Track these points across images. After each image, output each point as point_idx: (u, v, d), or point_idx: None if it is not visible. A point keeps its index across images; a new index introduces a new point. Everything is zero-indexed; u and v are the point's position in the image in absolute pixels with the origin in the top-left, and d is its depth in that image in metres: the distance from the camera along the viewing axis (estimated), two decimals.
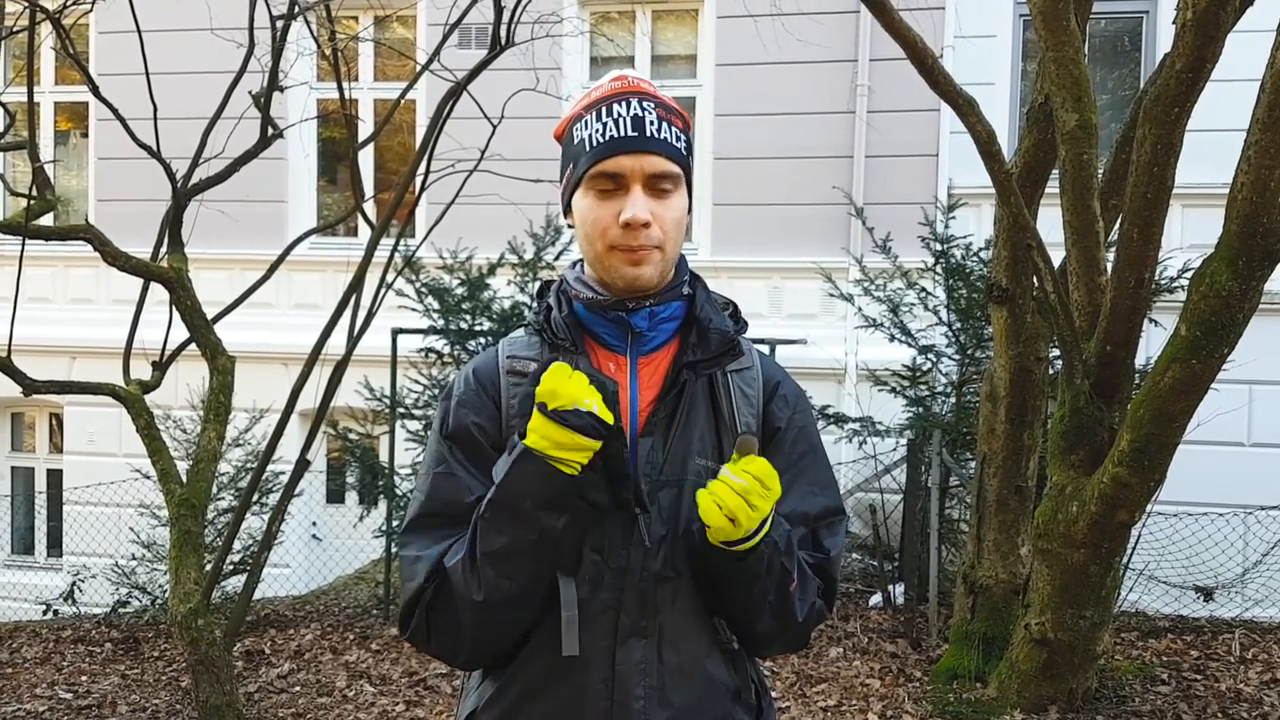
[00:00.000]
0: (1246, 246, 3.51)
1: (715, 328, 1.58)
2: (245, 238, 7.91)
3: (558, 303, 1.59)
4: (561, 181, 1.61)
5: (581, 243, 1.56)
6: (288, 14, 4.70)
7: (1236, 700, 4.97)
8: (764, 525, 1.42)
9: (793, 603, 1.53)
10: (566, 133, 1.60)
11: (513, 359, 1.57)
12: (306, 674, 5.63)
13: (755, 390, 1.62)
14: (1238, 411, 6.98)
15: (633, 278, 1.51)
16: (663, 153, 1.50)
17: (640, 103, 1.52)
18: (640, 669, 1.48)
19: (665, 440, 1.52)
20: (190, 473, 4.68)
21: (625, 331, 1.56)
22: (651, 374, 1.56)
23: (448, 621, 1.47)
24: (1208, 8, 3.38)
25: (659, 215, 1.50)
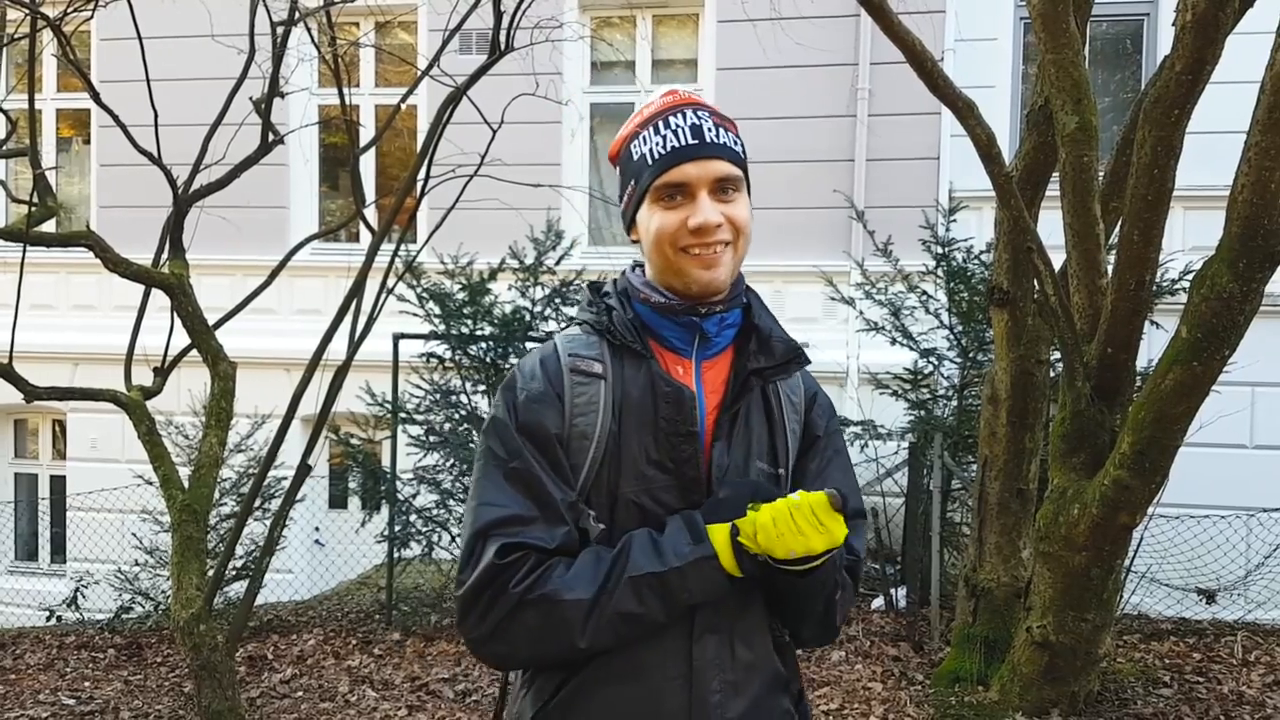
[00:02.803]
0: (1247, 248, 3.51)
1: (778, 337, 1.62)
2: (246, 244, 7.93)
3: (620, 304, 1.60)
4: (623, 200, 1.62)
5: (650, 253, 1.57)
6: (288, 20, 4.71)
7: (1239, 703, 4.96)
8: (823, 555, 1.46)
9: (835, 609, 1.61)
10: (623, 151, 1.62)
11: (575, 357, 1.56)
12: (309, 679, 5.62)
13: (799, 398, 1.67)
14: (1240, 414, 6.99)
15: (707, 281, 1.53)
16: (725, 157, 1.53)
17: (695, 112, 1.56)
18: (716, 664, 1.52)
19: (729, 444, 1.56)
20: (192, 478, 4.68)
21: (693, 335, 1.58)
22: (714, 378, 1.59)
23: (528, 640, 1.47)
24: (1207, 10, 3.38)
25: (728, 214, 1.53)
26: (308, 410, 4.89)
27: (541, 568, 1.46)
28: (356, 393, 6.41)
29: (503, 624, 1.46)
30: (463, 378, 6.69)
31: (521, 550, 1.46)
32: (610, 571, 1.45)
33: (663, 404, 1.52)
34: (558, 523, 1.49)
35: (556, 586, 1.44)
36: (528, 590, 1.44)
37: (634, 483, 1.52)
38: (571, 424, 1.52)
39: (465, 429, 6.64)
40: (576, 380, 1.54)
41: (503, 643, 1.48)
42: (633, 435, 1.52)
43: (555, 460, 1.51)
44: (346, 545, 7.44)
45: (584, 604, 1.43)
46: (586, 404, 1.52)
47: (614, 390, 1.54)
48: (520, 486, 1.49)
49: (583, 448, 1.52)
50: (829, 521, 1.43)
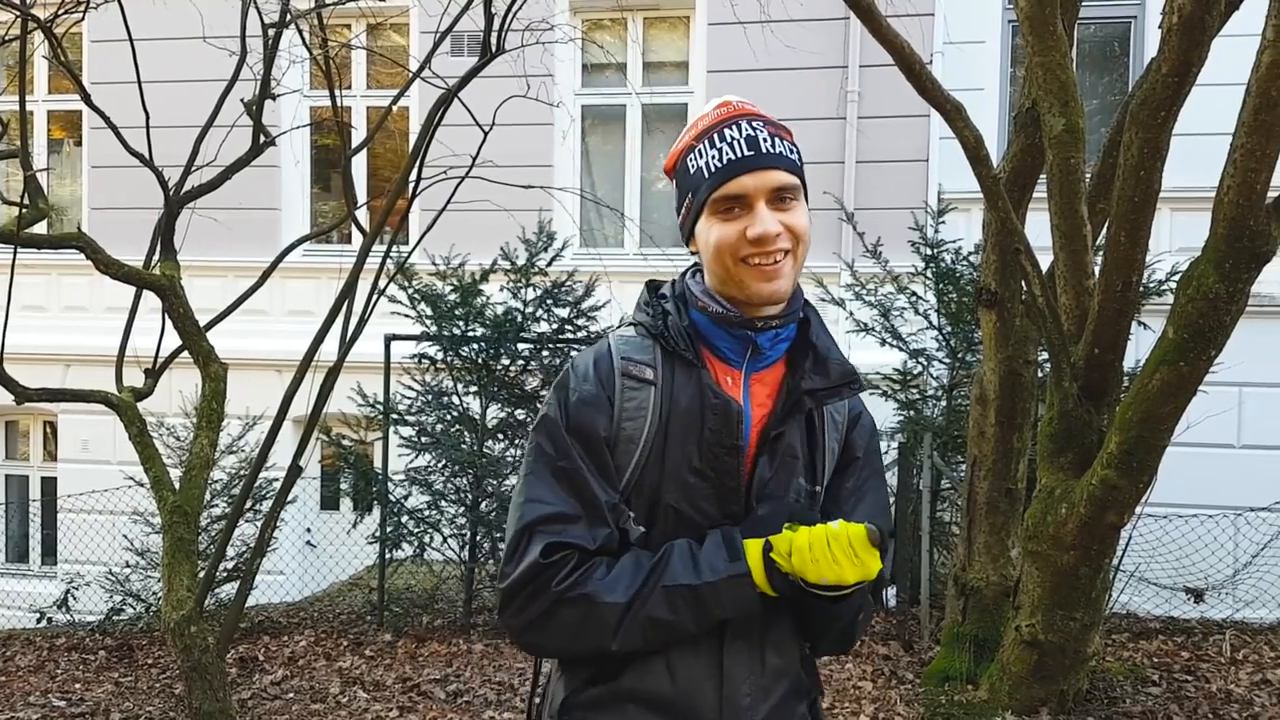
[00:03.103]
0: (1233, 249, 3.54)
1: (835, 359, 1.62)
2: (238, 245, 7.92)
3: (677, 309, 1.61)
4: (680, 213, 1.63)
5: (710, 264, 1.57)
6: (279, 22, 4.72)
7: (1227, 701, 4.99)
8: (854, 586, 1.47)
9: (856, 627, 1.65)
10: (679, 165, 1.62)
11: (627, 361, 1.57)
12: (300, 680, 5.63)
13: (842, 418, 1.67)
14: (1227, 413, 7.02)
15: (770, 293, 1.53)
16: (782, 166, 1.53)
17: (750, 123, 1.55)
18: (746, 669, 1.56)
19: (774, 458, 1.57)
20: (183, 480, 4.68)
21: (745, 348, 1.58)
22: (761, 390, 1.60)
23: (563, 635, 1.52)
24: (1193, 12, 3.41)
25: (786, 223, 1.52)
26: (299, 412, 4.89)
27: (583, 568, 1.50)
28: (348, 394, 6.41)
29: (541, 619, 1.51)
30: (454, 379, 6.70)
31: (565, 550, 1.49)
32: (648, 578, 1.49)
33: (710, 415, 1.54)
34: (600, 524, 1.52)
35: (596, 588, 1.48)
36: (568, 589, 1.48)
37: (675, 489, 1.54)
38: (620, 427, 1.54)
39: (457, 430, 6.65)
40: (628, 384, 1.55)
41: (539, 635, 1.53)
42: (677, 443, 1.54)
43: (602, 462, 1.53)
44: (338, 546, 7.44)
45: (619, 607, 1.48)
46: (636, 409, 1.55)
47: (663, 397, 1.55)
48: (567, 486, 1.52)
49: (628, 451, 1.54)
50: (865, 555, 1.44)
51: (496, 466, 6.51)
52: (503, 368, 6.66)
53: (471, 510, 6.48)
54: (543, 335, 6.67)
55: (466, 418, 6.64)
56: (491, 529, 6.45)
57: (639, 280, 6.72)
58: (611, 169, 8.60)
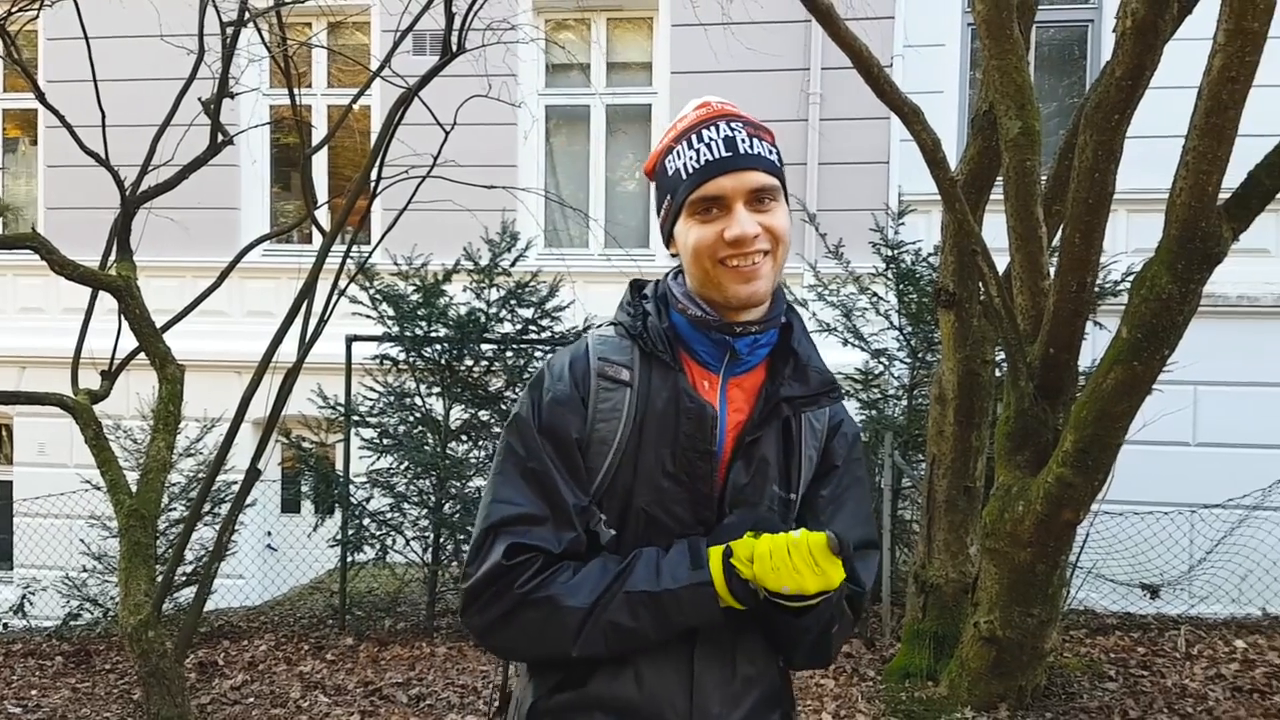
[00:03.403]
0: (1186, 250, 3.60)
1: (815, 366, 1.60)
2: (196, 245, 7.85)
3: (657, 311, 1.59)
4: (660, 215, 1.61)
5: (689, 266, 1.56)
6: (238, 20, 4.68)
7: (1182, 696, 5.07)
8: (817, 596, 1.44)
9: (830, 641, 1.59)
10: (658, 166, 1.61)
11: (604, 361, 1.56)
12: (260, 685, 5.58)
13: (822, 425, 1.64)
14: (1183, 412, 7.13)
15: (748, 295, 1.51)
16: (760, 167, 1.52)
17: (729, 124, 1.54)
18: (716, 677, 1.54)
19: (749, 464, 1.56)
20: (140, 483, 4.63)
21: (724, 352, 1.57)
22: (739, 395, 1.58)
23: (525, 638, 1.51)
24: (1146, 16, 3.46)
25: (765, 224, 1.51)
26: (258, 413, 4.86)
27: (548, 571, 1.48)
28: (308, 395, 6.36)
29: (502, 620, 1.49)
30: (417, 380, 6.66)
31: (529, 552, 1.48)
32: (611, 584, 1.47)
33: (684, 419, 1.52)
34: (566, 527, 1.50)
35: (558, 591, 1.47)
36: (531, 591, 1.47)
37: (648, 493, 1.53)
38: (593, 428, 1.53)
39: (420, 432, 6.62)
40: (603, 385, 1.54)
41: (501, 637, 1.52)
42: (651, 446, 1.52)
43: (573, 464, 1.52)
44: (299, 550, 7.38)
45: (581, 612, 1.46)
46: (610, 410, 1.53)
47: (639, 399, 1.54)
48: (536, 487, 1.51)
49: (601, 452, 1.53)
50: (825, 564, 1.41)
51: (460, 468, 6.48)
52: (466, 369, 6.63)
53: (434, 512, 6.45)
54: (506, 336, 6.65)
55: (429, 419, 6.61)
56: (455, 531, 6.43)
57: (603, 281, 6.83)
58: (576, 169, 8.60)
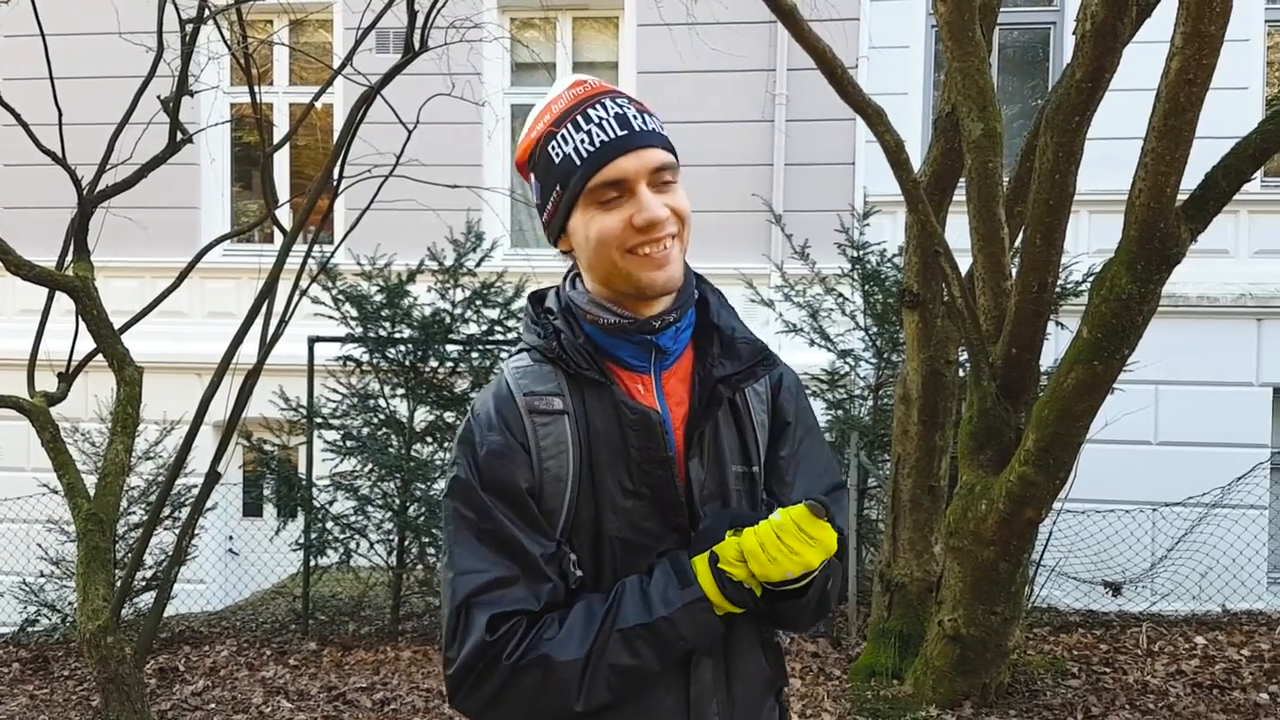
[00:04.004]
0: (1145, 251, 3.63)
1: (741, 338, 1.52)
2: (155, 245, 7.74)
3: (568, 325, 1.48)
4: (546, 209, 1.48)
5: (591, 262, 1.45)
6: (197, 17, 4.62)
7: (1144, 692, 5.12)
8: (821, 566, 1.39)
9: (830, 598, 1.54)
10: (538, 155, 1.47)
11: (531, 397, 1.44)
12: (222, 691, 5.51)
13: (764, 386, 1.57)
14: (1144, 411, 7.21)
15: (664, 282, 1.43)
16: (658, 144, 1.43)
17: (615, 100, 1.44)
18: (713, 688, 1.47)
19: (704, 456, 1.48)
20: (98, 487, 4.57)
21: (648, 350, 1.48)
22: (677, 388, 1.50)
23: (525, 707, 1.38)
24: (1106, 19, 3.50)
25: (671, 205, 1.42)
26: (218, 416, 4.80)
27: (534, 630, 1.38)
28: (270, 397, 6.29)
29: (497, 696, 1.38)
30: (381, 381, 6.61)
31: (511, 619, 1.37)
32: (601, 626, 1.37)
33: (631, 432, 1.43)
34: (540, 580, 1.40)
35: (549, 650, 1.36)
36: (520, 657, 1.36)
37: (614, 517, 1.43)
38: (542, 469, 1.42)
39: (384, 433, 6.57)
40: (539, 421, 1.43)
41: (499, 713, 1.40)
42: (605, 469, 1.43)
43: (528, 514, 1.41)
44: (261, 554, 7.30)
45: (577, 664, 1.36)
46: (554, 445, 1.42)
47: (579, 425, 1.44)
48: (495, 547, 1.39)
49: (558, 491, 1.43)
50: (817, 532, 1.35)
51: (425, 470, 6.44)
52: (431, 370, 6.59)
53: (399, 515, 6.40)
54: (472, 337, 6.62)
55: (394, 421, 6.56)
56: (420, 534, 6.38)
57: None
58: None
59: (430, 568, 6.55)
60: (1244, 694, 5.05)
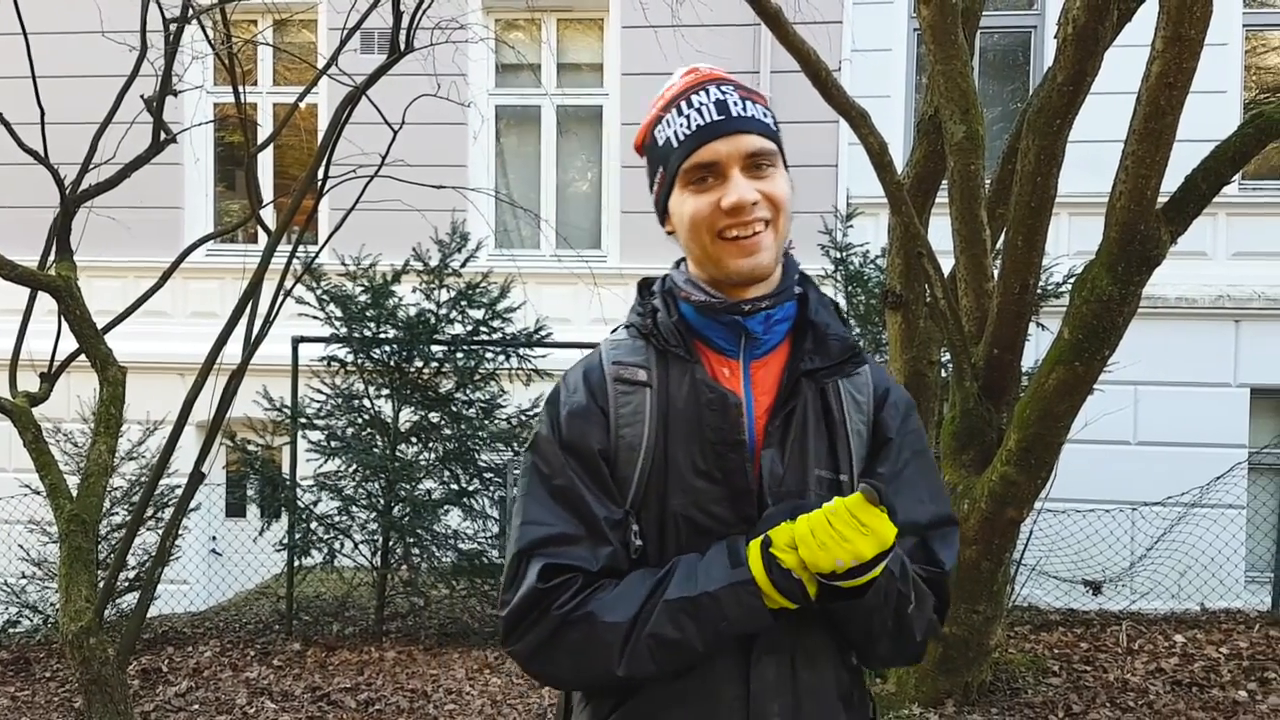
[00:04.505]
0: (1125, 253, 3.67)
1: (834, 334, 1.51)
2: (139, 245, 7.72)
3: (665, 305, 1.51)
4: (653, 190, 1.53)
5: (686, 243, 1.48)
6: (181, 16, 4.61)
7: (1124, 690, 5.16)
8: (876, 563, 1.33)
9: (912, 625, 1.45)
10: (648, 138, 1.53)
11: (619, 365, 1.48)
12: (205, 692, 5.49)
13: (866, 397, 1.54)
14: (1123, 411, 7.26)
15: (749, 269, 1.43)
16: (755, 130, 1.44)
17: (719, 87, 1.46)
18: (775, 688, 1.43)
19: (783, 451, 1.46)
20: (81, 487, 4.55)
21: (738, 335, 1.48)
22: (765, 378, 1.49)
23: (569, 662, 1.41)
24: (1087, 23, 3.54)
25: (764, 191, 1.42)
26: (202, 416, 4.79)
27: (587, 590, 1.40)
28: (253, 398, 6.27)
29: (545, 645, 1.41)
30: (365, 381, 6.60)
31: (567, 573, 1.40)
32: (650, 595, 1.38)
33: (707, 411, 1.44)
34: (602, 542, 1.42)
35: (597, 608, 1.38)
36: (570, 612, 1.38)
37: (682, 495, 1.44)
38: (618, 435, 1.45)
39: (368, 434, 6.56)
40: (621, 390, 1.47)
41: (545, 662, 1.43)
42: (679, 446, 1.44)
43: (600, 477, 1.44)
44: (244, 554, 7.28)
45: (621, 627, 1.37)
46: (632, 414, 1.45)
47: (659, 399, 1.46)
48: (564, 504, 1.43)
49: (630, 459, 1.45)
50: (871, 521, 1.30)
51: (409, 470, 6.43)
52: (415, 370, 6.59)
53: (383, 515, 6.39)
54: (457, 337, 6.61)
55: (378, 421, 6.55)
56: (404, 534, 6.37)
57: (555, 282, 6.81)
58: (527, 170, 8.57)
59: (414, 568, 6.55)
60: (1222, 691, 5.10)
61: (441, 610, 6.78)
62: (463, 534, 6.48)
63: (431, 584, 6.61)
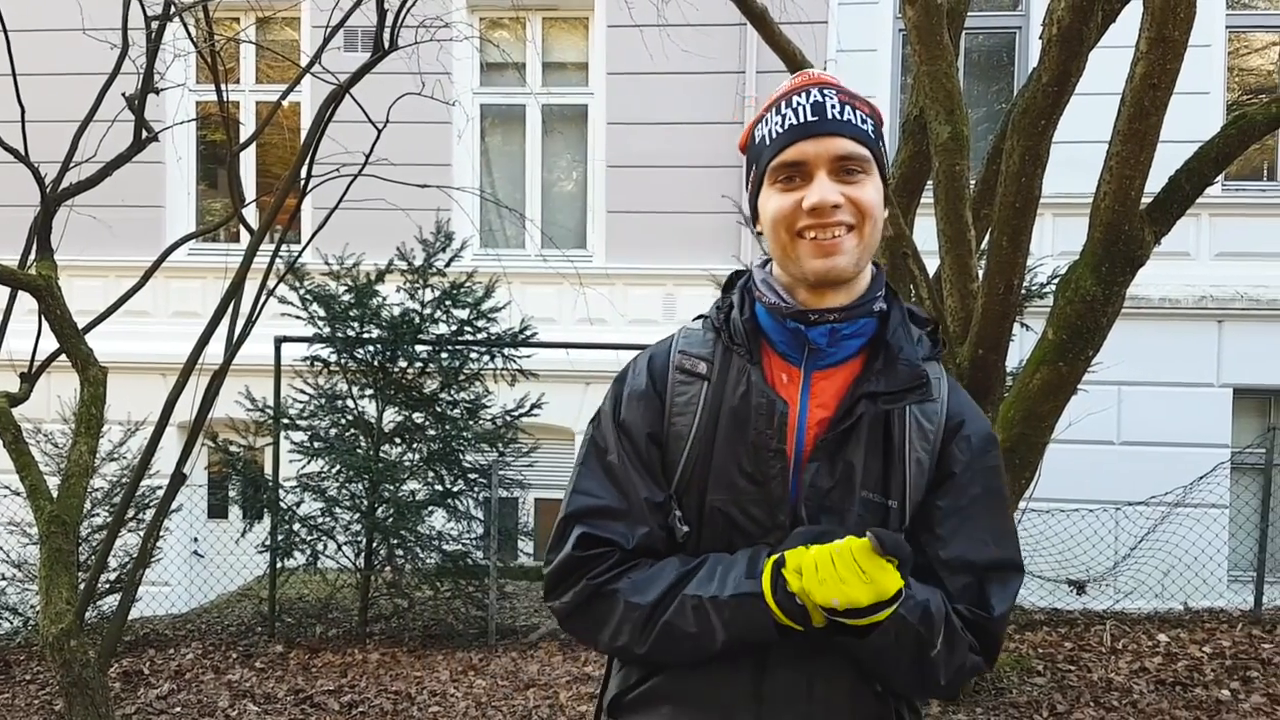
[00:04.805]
0: (1109, 253, 3.69)
1: (905, 358, 1.46)
2: (120, 244, 7.67)
3: (740, 302, 1.53)
4: (746, 188, 1.55)
5: (769, 240, 1.48)
6: (163, 14, 4.57)
7: (1108, 689, 5.18)
8: (875, 610, 1.31)
9: (935, 668, 1.41)
10: (749, 138, 1.54)
11: (684, 354, 1.52)
12: (187, 694, 5.46)
13: (935, 425, 1.48)
14: (1107, 411, 7.29)
15: (825, 270, 1.42)
16: (847, 134, 1.43)
17: (820, 90, 1.46)
18: (788, 698, 1.44)
19: (832, 467, 1.44)
20: (61, 488, 4.50)
21: (801, 343, 1.47)
22: (826, 390, 1.47)
23: (599, 628, 1.47)
24: (1072, 24, 3.54)
25: (850, 195, 1.42)
26: (184, 417, 4.76)
27: (623, 566, 1.46)
28: (236, 398, 6.24)
29: (579, 609, 1.48)
30: (349, 382, 6.57)
31: (604, 545, 1.46)
32: (675, 584, 1.42)
33: (756, 414, 1.44)
34: (641, 522, 1.47)
35: (626, 586, 1.44)
36: (604, 584, 1.45)
37: (723, 491, 1.45)
38: (670, 422, 1.50)
39: (352, 434, 6.52)
40: (680, 379, 1.51)
41: (579, 623, 1.50)
42: (726, 442, 1.46)
43: (648, 459, 1.49)
44: (226, 556, 7.23)
45: (644, 609, 1.42)
46: (686, 404, 1.49)
47: (715, 393, 1.48)
48: (613, 480, 1.49)
49: (678, 447, 1.49)
50: (873, 570, 1.29)
51: (393, 471, 6.40)
52: (400, 370, 6.56)
53: (367, 517, 6.36)
54: (441, 337, 6.59)
55: (362, 421, 6.52)
56: (388, 536, 6.34)
57: (540, 282, 6.79)
58: (512, 169, 8.55)
59: (397, 570, 6.52)
60: (1206, 691, 5.13)
61: (426, 612, 6.76)
62: (447, 535, 6.45)
63: (415, 585, 6.59)
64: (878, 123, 1.50)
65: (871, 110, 1.49)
